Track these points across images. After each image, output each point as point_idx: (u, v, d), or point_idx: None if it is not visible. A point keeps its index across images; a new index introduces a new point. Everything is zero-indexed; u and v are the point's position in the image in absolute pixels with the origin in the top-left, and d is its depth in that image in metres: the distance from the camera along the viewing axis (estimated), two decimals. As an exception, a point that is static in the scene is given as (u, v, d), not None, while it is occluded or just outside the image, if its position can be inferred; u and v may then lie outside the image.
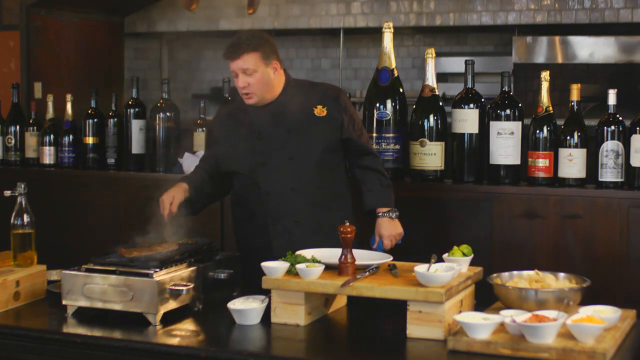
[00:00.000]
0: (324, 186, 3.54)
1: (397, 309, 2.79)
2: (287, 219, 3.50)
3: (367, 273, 2.85)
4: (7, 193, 3.20)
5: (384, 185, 3.59)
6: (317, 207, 3.52)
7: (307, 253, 2.97)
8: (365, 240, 3.51)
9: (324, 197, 3.55)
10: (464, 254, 2.96)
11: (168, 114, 4.74)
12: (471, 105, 4.08)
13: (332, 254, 2.94)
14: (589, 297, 2.81)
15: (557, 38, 6.49)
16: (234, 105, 3.67)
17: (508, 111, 4.02)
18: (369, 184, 3.58)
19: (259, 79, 3.44)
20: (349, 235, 2.85)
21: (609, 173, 3.85)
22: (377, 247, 3.53)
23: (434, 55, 4.13)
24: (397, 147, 4.15)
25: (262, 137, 3.52)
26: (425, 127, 4.11)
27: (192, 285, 2.95)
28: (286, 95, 3.53)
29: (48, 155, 5.03)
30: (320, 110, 3.53)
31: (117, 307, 2.88)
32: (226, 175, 3.64)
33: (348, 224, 2.86)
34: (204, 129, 4.73)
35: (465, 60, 4.16)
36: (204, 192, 3.57)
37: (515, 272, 2.92)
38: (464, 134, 4.09)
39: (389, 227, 3.55)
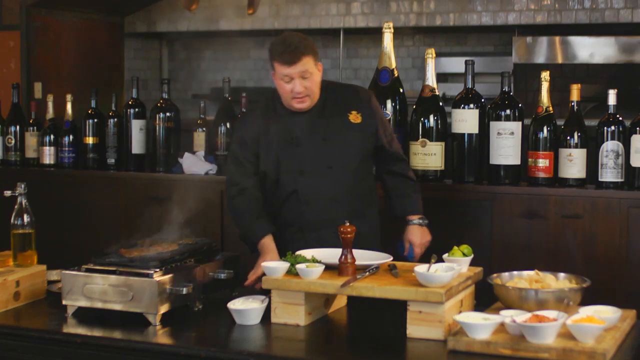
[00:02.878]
0: (359, 194, 3.50)
1: (397, 309, 2.79)
2: (325, 230, 3.38)
3: (367, 273, 2.85)
4: (7, 193, 3.20)
5: (414, 191, 3.58)
6: (353, 216, 3.37)
7: (307, 253, 2.97)
8: (391, 245, 3.46)
9: (359, 205, 3.49)
10: (464, 254, 2.97)
11: (168, 114, 4.74)
12: (471, 106, 4.08)
13: (332, 254, 2.94)
14: (589, 297, 2.81)
15: (557, 38, 6.49)
16: (263, 110, 3.55)
17: (508, 111, 4.02)
18: (400, 190, 3.57)
19: (314, 81, 3.38)
20: (349, 235, 2.85)
21: (609, 173, 3.85)
22: (408, 254, 3.50)
23: (434, 55, 4.13)
24: (397, 147, 4.15)
25: (300, 144, 3.43)
26: (426, 127, 4.12)
27: (192, 285, 2.94)
28: (320, 99, 3.46)
29: (48, 155, 5.03)
30: (355, 117, 3.47)
31: (117, 307, 2.88)
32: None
33: (348, 224, 2.86)
34: (204, 129, 4.73)
35: (465, 61, 4.16)
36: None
37: (515, 272, 2.92)
38: (464, 134, 4.09)
39: (420, 235, 3.53)
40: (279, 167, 3.44)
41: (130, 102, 4.84)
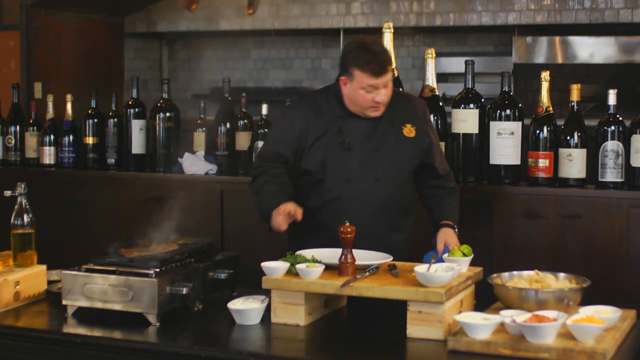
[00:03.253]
0: (400, 208, 3.44)
1: (397, 309, 2.79)
2: (361, 242, 3.16)
3: (367, 273, 2.85)
4: (7, 193, 3.20)
5: (453, 200, 3.51)
6: (391, 229, 3.41)
7: (307, 253, 2.97)
8: (419, 256, 3.34)
9: (398, 218, 3.44)
10: (464, 254, 2.97)
11: (168, 114, 4.74)
12: (471, 106, 4.08)
13: (332, 254, 2.94)
14: (589, 297, 2.81)
15: (557, 38, 6.49)
16: (316, 105, 3.45)
17: (508, 111, 4.02)
18: (439, 198, 3.49)
19: (391, 89, 3.34)
20: (349, 236, 2.85)
21: (609, 173, 3.85)
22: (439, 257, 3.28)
23: (434, 55, 4.13)
24: (397, 147, 4.14)
25: (352, 149, 3.38)
26: (425, 127, 4.11)
27: (192, 285, 2.94)
28: None
29: (48, 155, 5.03)
30: (409, 130, 3.41)
31: (117, 307, 2.88)
32: (298, 178, 3.48)
33: (348, 224, 2.86)
34: (204, 129, 4.73)
35: (465, 61, 4.16)
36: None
37: (515, 272, 2.92)
38: (464, 134, 4.09)
39: (455, 238, 3.36)
40: (324, 168, 3.39)
41: (130, 102, 4.84)
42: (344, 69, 3.33)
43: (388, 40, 4.11)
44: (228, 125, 4.61)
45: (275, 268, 2.85)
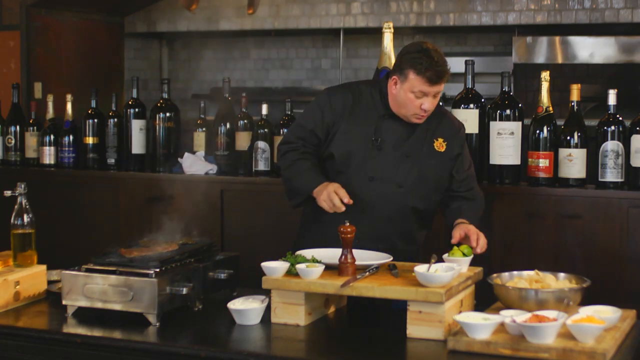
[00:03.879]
0: (417, 218, 3.41)
1: (397, 309, 2.79)
2: (369, 245, 3.18)
3: (367, 273, 2.85)
4: (7, 193, 3.20)
5: (474, 207, 3.43)
6: (401, 240, 3.37)
7: (307, 253, 2.97)
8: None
9: (414, 227, 3.41)
10: (464, 254, 2.97)
11: (168, 114, 4.74)
12: (471, 106, 4.08)
13: (332, 254, 2.94)
14: (589, 297, 2.81)
15: (557, 38, 6.49)
16: (360, 95, 3.43)
17: (508, 111, 4.02)
18: (458, 203, 3.43)
19: (438, 98, 3.34)
20: (349, 236, 2.85)
21: (609, 173, 3.85)
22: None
23: (434, 55, 4.13)
24: (397, 147, 4.15)
25: (382, 148, 3.36)
26: (425, 127, 4.11)
27: (192, 285, 2.94)
28: None
29: (48, 155, 5.03)
30: (440, 144, 3.39)
31: (117, 307, 2.88)
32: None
33: (348, 224, 2.86)
34: (204, 129, 4.74)
35: (465, 61, 4.16)
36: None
37: (515, 272, 2.92)
38: (464, 134, 4.08)
39: (473, 228, 3.23)
40: (350, 160, 3.36)
41: (130, 102, 4.84)
42: (399, 68, 3.30)
43: (388, 41, 4.11)
44: (228, 125, 4.61)
45: (275, 268, 2.85)
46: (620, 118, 3.87)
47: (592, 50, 6.44)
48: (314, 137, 3.42)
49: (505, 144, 4.00)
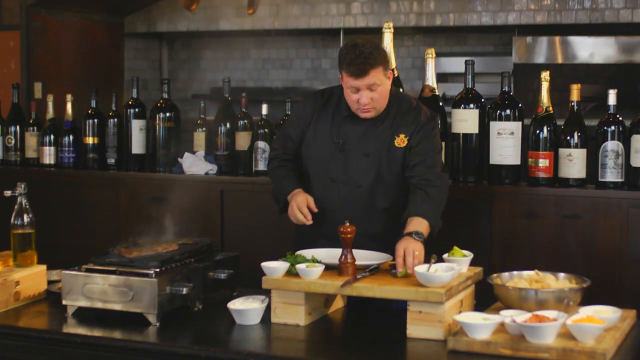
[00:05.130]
0: (380, 220, 3.36)
1: (397, 309, 2.79)
2: (339, 245, 3.15)
3: (367, 273, 2.85)
4: (7, 193, 3.20)
5: (424, 198, 3.24)
6: (368, 239, 3.25)
7: (307, 253, 2.97)
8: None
9: (377, 226, 3.35)
10: (464, 254, 2.97)
11: (168, 114, 4.74)
12: (471, 106, 4.08)
13: (332, 254, 2.94)
14: (589, 297, 2.81)
15: (557, 38, 6.49)
16: (328, 100, 3.46)
17: (508, 111, 4.02)
18: (412, 196, 3.28)
19: (382, 92, 3.28)
20: (349, 236, 2.85)
21: (609, 173, 3.85)
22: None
23: (434, 55, 4.13)
24: (397, 147, 4.14)
25: (345, 149, 3.37)
26: (425, 127, 4.11)
27: (192, 285, 2.94)
28: (384, 112, 3.37)
29: (48, 155, 5.03)
30: (401, 140, 3.35)
31: (117, 307, 2.88)
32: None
33: (348, 224, 2.86)
34: (204, 129, 4.73)
35: (465, 61, 4.15)
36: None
37: (515, 273, 2.92)
38: (464, 134, 4.08)
39: (406, 244, 2.98)
40: (314, 163, 3.40)
41: (130, 102, 4.84)
42: (339, 68, 3.33)
43: (388, 40, 4.11)
44: (228, 125, 4.61)
45: (275, 268, 2.86)
46: (620, 118, 3.87)
47: (592, 50, 6.44)
48: (292, 143, 3.49)
49: (505, 144, 4.00)
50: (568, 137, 3.90)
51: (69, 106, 5.01)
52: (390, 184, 3.37)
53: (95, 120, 4.93)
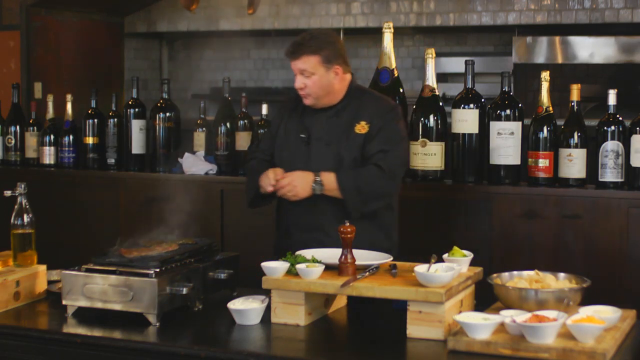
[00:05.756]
0: (339, 208, 3.37)
1: (397, 309, 2.79)
2: (308, 234, 3.38)
3: (367, 273, 2.85)
4: (7, 193, 3.20)
5: (356, 172, 3.34)
6: (337, 222, 3.22)
7: (307, 253, 2.97)
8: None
9: (339, 217, 3.32)
10: (464, 254, 2.96)
11: (168, 114, 4.74)
12: (471, 106, 4.08)
13: (332, 254, 2.94)
14: (589, 297, 2.81)
15: (557, 38, 6.49)
16: (295, 101, 3.55)
17: (508, 111, 4.02)
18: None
19: (316, 81, 3.34)
20: (349, 236, 2.85)
21: (609, 173, 3.85)
22: None
23: (434, 55, 4.13)
24: (397, 147, 4.14)
25: (310, 142, 3.43)
26: (426, 128, 4.12)
27: (192, 285, 2.94)
28: (342, 104, 3.43)
29: (48, 155, 5.03)
30: (362, 127, 3.39)
31: (117, 307, 2.88)
32: None
33: (348, 223, 2.86)
34: (204, 129, 4.74)
35: (465, 61, 4.16)
36: None
37: (515, 272, 2.92)
38: (464, 134, 4.09)
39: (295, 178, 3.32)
40: (283, 159, 3.47)
41: (130, 102, 4.84)
42: None
43: (388, 40, 4.11)
44: (228, 125, 4.61)
45: (275, 268, 2.85)
46: (620, 118, 3.87)
47: (592, 50, 6.45)
48: (270, 146, 3.56)
49: (505, 144, 4.00)
50: (568, 137, 3.91)
51: (69, 106, 5.01)
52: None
53: (95, 120, 4.94)
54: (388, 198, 3.45)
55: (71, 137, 5.00)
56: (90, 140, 4.94)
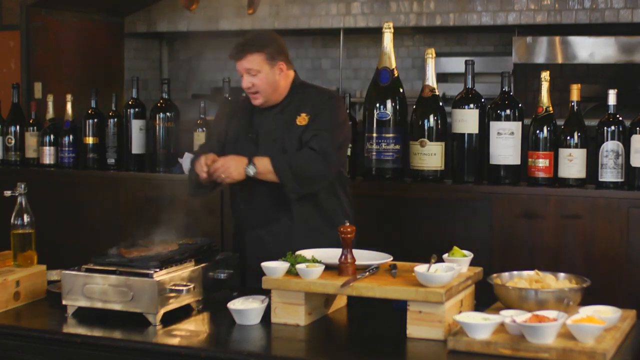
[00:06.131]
0: (280, 201, 3.45)
1: (397, 309, 2.79)
2: (261, 229, 3.51)
3: (367, 273, 2.85)
4: (7, 193, 3.20)
5: (289, 155, 3.40)
6: (285, 215, 3.47)
7: (307, 253, 2.97)
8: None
9: (279, 211, 3.47)
10: (464, 254, 2.96)
11: (168, 114, 4.74)
12: (471, 106, 4.08)
13: (332, 254, 2.94)
14: (589, 297, 2.81)
15: (557, 38, 6.49)
16: (240, 102, 3.64)
17: (508, 111, 4.02)
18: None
19: (263, 79, 3.42)
20: (349, 236, 2.85)
21: (609, 173, 3.85)
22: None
23: (434, 55, 4.13)
24: (397, 147, 4.15)
25: (257, 140, 3.49)
26: (426, 127, 4.12)
27: (192, 285, 2.94)
28: (286, 99, 3.50)
29: (48, 155, 5.03)
30: (302, 119, 3.46)
31: (117, 307, 2.88)
32: None
33: (348, 223, 2.86)
34: (204, 129, 4.73)
35: (465, 61, 4.16)
36: None
37: (515, 273, 2.92)
38: (464, 134, 4.09)
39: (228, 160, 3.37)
40: None
41: (130, 102, 4.84)
42: None
43: (388, 40, 4.11)
44: (228, 125, 4.60)
45: (275, 268, 2.85)
46: (620, 118, 3.87)
47: (592, 50, 6.45)
48: (214, 147, 3.57)
49: (505, 144, 4.00)
50: (568, 137, 3.90)
51: (69, 106, 5.01)
52: None
53: (95, 120, 4.94)
54: (324, 180, 3.45)
55: (71, 137, 5.00)
56: (90, 140, 4.94)
